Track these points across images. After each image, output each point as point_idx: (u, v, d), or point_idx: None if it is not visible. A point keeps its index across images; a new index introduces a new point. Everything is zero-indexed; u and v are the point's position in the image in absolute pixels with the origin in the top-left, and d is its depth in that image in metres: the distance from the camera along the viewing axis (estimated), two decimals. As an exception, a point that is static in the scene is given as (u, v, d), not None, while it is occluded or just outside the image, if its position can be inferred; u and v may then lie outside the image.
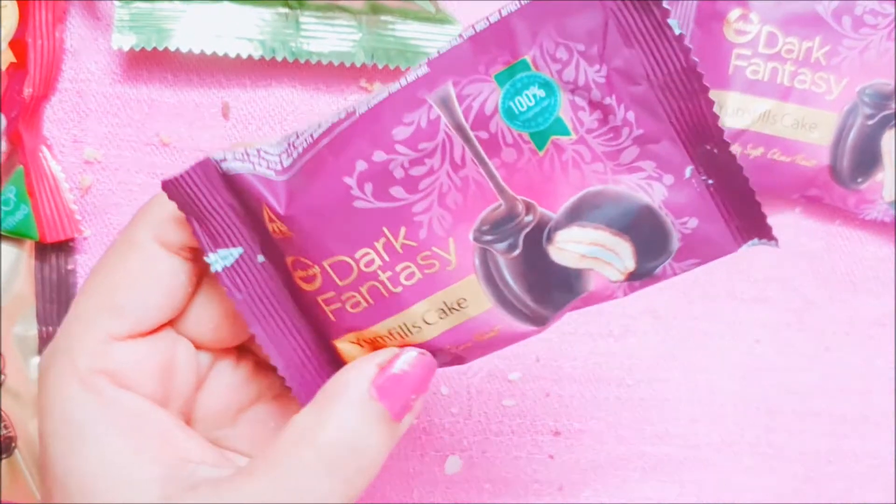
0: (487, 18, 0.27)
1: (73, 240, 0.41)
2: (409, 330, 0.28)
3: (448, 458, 0.42)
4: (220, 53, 0.39)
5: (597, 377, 0.43)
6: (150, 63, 0.41)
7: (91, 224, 0.41)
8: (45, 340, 0.41)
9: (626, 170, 0.27)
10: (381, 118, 0.27)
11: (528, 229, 0.27)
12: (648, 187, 0.27)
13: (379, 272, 0.27)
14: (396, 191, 0.27)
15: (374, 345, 0.29)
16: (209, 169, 0.28)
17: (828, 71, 0.40)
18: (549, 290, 0.28)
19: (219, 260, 0.28)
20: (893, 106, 0.40)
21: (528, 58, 0.26)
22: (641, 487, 0.43)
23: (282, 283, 0.29)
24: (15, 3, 0.39)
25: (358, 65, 0.40)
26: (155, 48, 0.39)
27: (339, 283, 0.28)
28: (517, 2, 0.26)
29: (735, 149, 0.40)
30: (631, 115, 0.27)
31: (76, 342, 0.28)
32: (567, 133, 0.27)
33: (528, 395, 0.42)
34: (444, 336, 0.28)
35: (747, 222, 0.27)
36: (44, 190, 0.40)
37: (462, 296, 0.28)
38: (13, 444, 0.40)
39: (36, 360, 0.40)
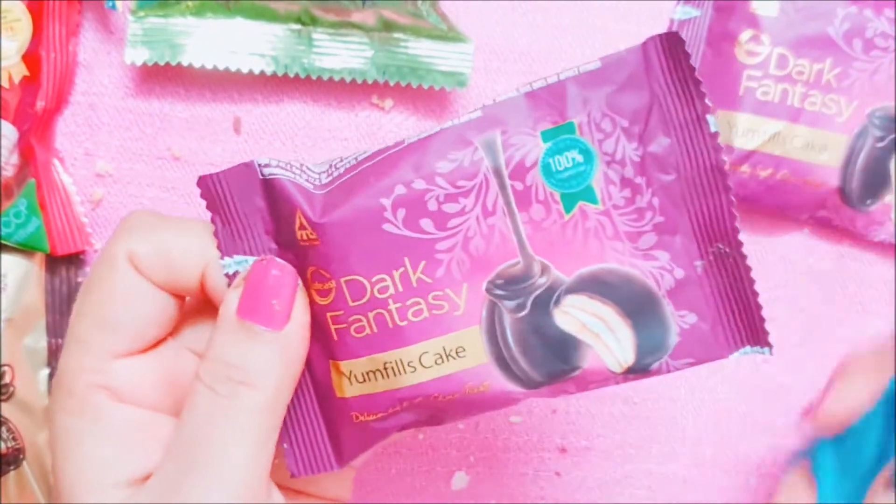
0: (545, 78, 0.28)
1: (83, 252, 0.41)
2: (403, 368, 0.28)
3: (455, 473, 0.42)
4: (233, 69, 0.39)
5: (603, 395, 0.43)
6: (162, 77, 0.41)
7: (102, 237, 0.41)
8: (54, 352, 0.41)
9: (643, 255, 0.28)
10: (428, 150, 0.28)
11: (539, 291, 0.28)
12: (660, 277, 0.28)
13: (390, 301, 0.28)
14: (426, 223, 0.27)
15: (366, 379, 0.29)
16: (251, 171, 0.28)
17: (838, 93, 0.40)
18: (546, 355, 0.28)
19: (233, 265, 0.29)
20: (903, 128, 0.40)
21: (575, 122, 0.27)
22: (647, 505, 0.43)
23: None
24: (29, 16, 0.39)
25: (370, 81, 0.40)
26: (167, 63, 0.39)
27: (351, 303, 0.28)
28: (576, 68, 0.27)
29: (745, 169, 0.40)
30: (656, 201, 0.27)
31: (74, 362, 0.29)
32: (595, 202, 0.28)
33: (534, 411, 0.43)
34: (435, 382, 0.28)
35: (745, 327, 0.28)
36: (55, 203, 0.40)
37: (462, 344, 0.28)
38: (21, 456, 0.40)
39: (45, 371, 0.41)
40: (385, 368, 0.28)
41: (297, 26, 0.39)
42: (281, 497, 0.30)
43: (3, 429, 0.40)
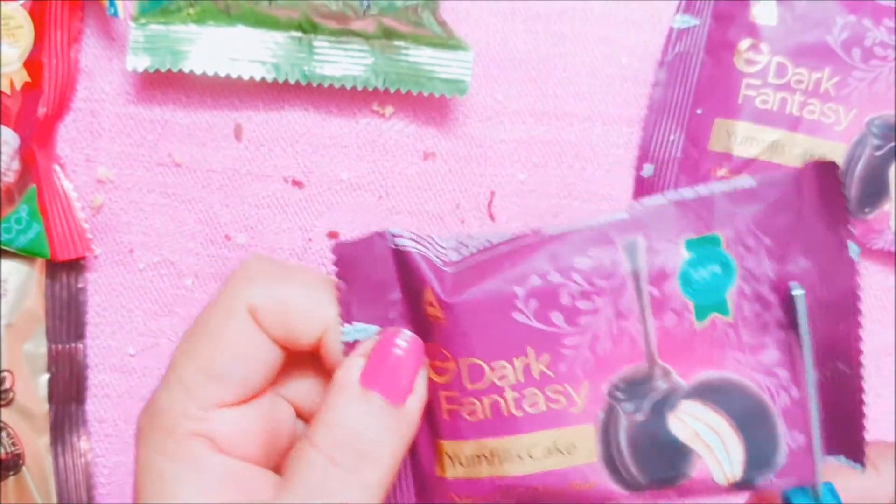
0: (696, 189, 0.28)
1: (83, 258, 0.41)
2: (510, 457, 0.28)
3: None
4: (234, 76, 0.39)
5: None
6: (163, 84, 0.41)
7: (102, 243, 0.41)
8: (54, 358, 0.41)
9: (764, 371, 0.28)
10: (568, 243, 0.28)
11: (658, 395, 0.28)
12: (776, 394, 0.28)
13: (507, 389, 0.28)
14: (556, 317, 0.27)
15: (471, 463, 0.29)
16: (382, 240, 0.28)
17: (837, 102, 0.40)
18: (656, 460, 0.28)
19: (353, 332, 0.29)
20: (901, 137, 0.41)
21: (721, 236, 0.28)
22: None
23: None
24: (31, 22, 0.40)
25: (370, 88, 0.40)
26: (169, 69, 0.39)
27: (468, 385, 0.28)
28: (729, 184, 0.28)
29: (743, 177, 0.40)
30: (784, 319, 0.28)
31: (177, 405, 0.28)
32: (727, 314, 0.28)
33: None
34: (541, 476, 0.28)
35: (845, 440, 0.28)
36: (56, 209, 0.40)
37: (574, 441, 0.28)
38: (21, 462, 0.41)
39: (45, 377, 0.41)
40: (491, 455, 0.28)
41: (298, 34, 0.39)
42: None
43: (3, 434, 0.40)
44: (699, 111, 0.41)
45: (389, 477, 0.28)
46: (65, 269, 0.41)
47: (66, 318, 0.41)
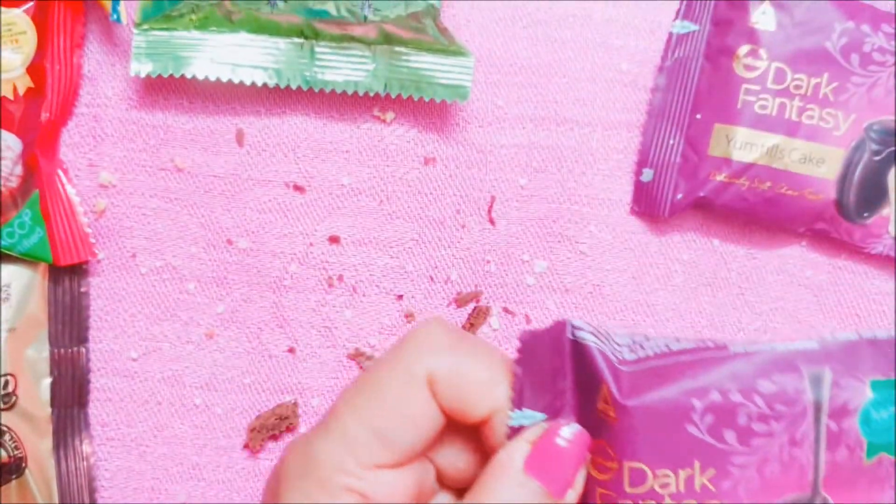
0: (890, 331, 0.28)
1: (86, 262, 0.41)
2: None
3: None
4: (236, 81, 0.39)
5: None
6: (165, 89, 0.41)
7: (105, 247, 0.42)
8: (56, 362, 0.41)
9: None
10: (752, 364, 0.28)
11: None
12: None
13: (667, 497, 0.28)
14: (730, 435, 0.27)
15: None
16: (562, 330, 0.29)
17: (836, 107, 0.40)
18: None
19: (521, 418, 0.29)
20: (900, 142, 0.41)
21: None
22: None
23: None
24: (34, 28, 0.40)
25: (371, 94, 0.40)
26: (171, 75, 0.39)
27: (627, 489, 0.28)
28: None
29: (743, 182, 0.41)
30: None
31: (336, 458, 0.28)
32: (893, 454, 0.28)
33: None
34: None
35: None
36: (59, 213, 0.40)
37: None
38: (23, 465, 0.41)
39: (47, 381, 0.41)
40: None
41: (300, 40, 0.39)
42: None
43: (6, 438, 0.40)
44: (698, 116, 0.41)
45: None
46: (67, 274, 0.41)
47: (69, 323, 0.41)
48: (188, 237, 0.42)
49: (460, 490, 0.31)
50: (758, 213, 0.41)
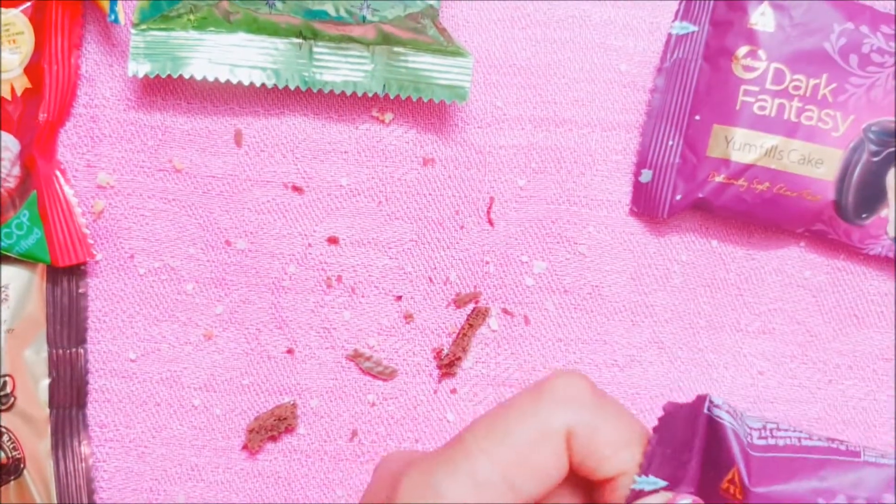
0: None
1: (84, 263, 0.41)
2: None
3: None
4: (234, 82, 0.39)
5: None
6: (163, 90, 0.41)
7: (103, 248, 0.42)
8: (55, 363, 0.41)
9: None
10: (881, 476, 0.28)
11: None
12: None
13: None
14: None
15: None
16: (701, 404, 0.29)
17: (834, 108, 0.40)
18: None
19: (644, 483, 0.29)
20: (899, 143, 0.41)
21: None
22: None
23: None
24: (31, 29, 0.40)
25: (370, 94, 0.40)
26: (169, 75, 0.39)
27: None
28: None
29: (741, 183, 0.41)
30: None
31: (460, 496, 0.28)
32: None
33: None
34: None
35: None
36: (57, 214, 0.40)
37: None
38: (22, 466, 0.41)
39: (46, 382, 0.41)
40: None
41: (298, 40, 0.39)
42: None
43: (4, 438, 0.40)
44: (697, 117, 0.41)
45: None
46: (66, 275, 0.41)
47: (67, 324, 0.41)
48: (186, 238, 0.42)
49: None
50: (756, 214, 0.41)
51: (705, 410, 0.29)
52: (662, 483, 0.29)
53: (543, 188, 0.42)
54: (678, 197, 0.41)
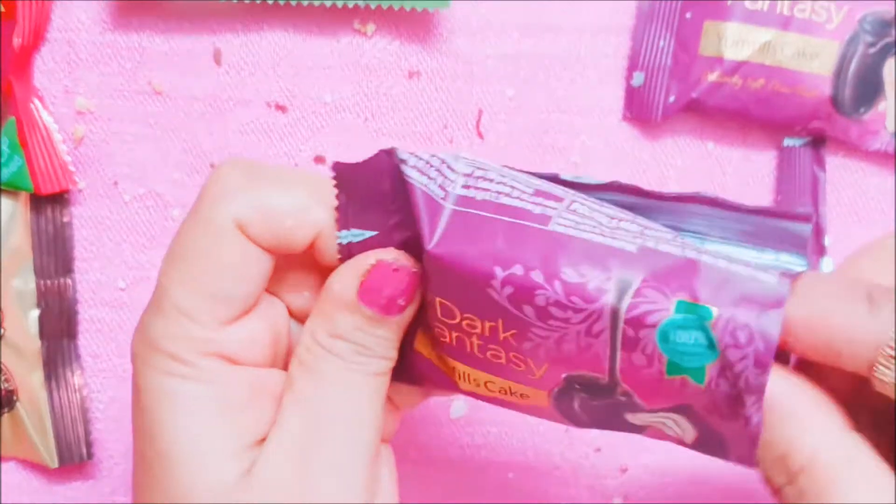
0: (716, 259, 0.26)
1: (68, 191, 0.41)
2: (468, 380, 0.29)
3: (453, 402, 0.42)
4: (211, -3, 0.38)
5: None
6: (139, 11, 0.40)
7: (85, 175, 0.41)
8: (43, 294, 0.40)
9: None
10: (566, 249, 0.26)
11: (616, 401, 0.28)
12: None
13: (474, 337, 0.27)
14: (528, 310, 0.26)
15: (438, 359, 0.29)
16: (387, 160, 0.28)
17: (828, -1, 0.39)
18: (609, 423, 0.29)
19: (349, 237, 0.28)
20: (894, 34, 0.40)
21: (714, 314, 0.25)
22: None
23: None
24: (0, -49, 0.39)
25: (350, 6, 0.39)
26: (144, -7, 0.38)
27: (439, 316, 0.28)
28: (756, 280, 0.25)
29: (735, 81, 0.40)
30: (757, 418, 0.26)
31: (179, 329, 0.28)
32: (701, 383, 0.26)
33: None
34: (493, 400, 0.30)
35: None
36: (37, 141, 0.39)
37: (527, 394, 0.29)
38: (14, 398, 0.40)
39: (35, 312, 0.40)
40: (452, 369, 0.29)
41: (274, -50, 0.38)
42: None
43: (-4, 371, 0.40)
44: (688, 15, 0.40)
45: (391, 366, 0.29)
46: (49, 204, 0.40)
47: (54, 253, 0.40)
48: (170, 163, 0.41)
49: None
50: (752, 112, 0.40)
51: (396, 167, 0.27)
52: (370, 233, 0.28)
53: (533, 98, 0.41)
54: (672, 99, 0.40)
